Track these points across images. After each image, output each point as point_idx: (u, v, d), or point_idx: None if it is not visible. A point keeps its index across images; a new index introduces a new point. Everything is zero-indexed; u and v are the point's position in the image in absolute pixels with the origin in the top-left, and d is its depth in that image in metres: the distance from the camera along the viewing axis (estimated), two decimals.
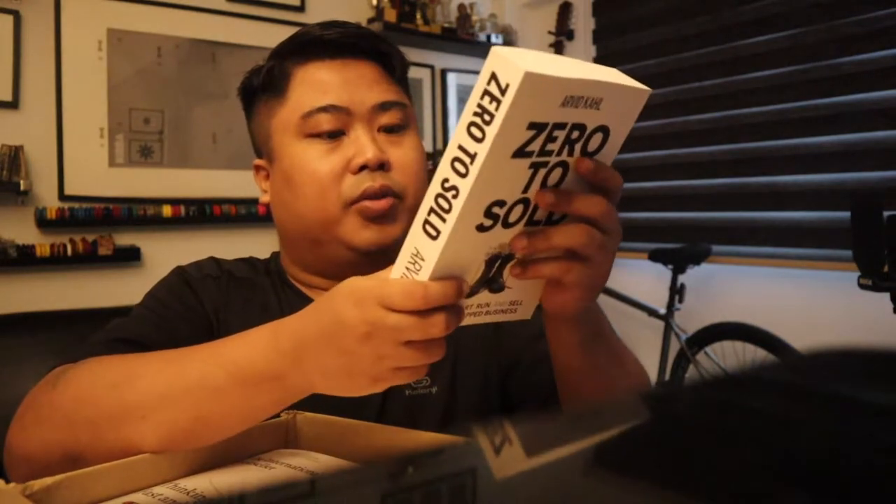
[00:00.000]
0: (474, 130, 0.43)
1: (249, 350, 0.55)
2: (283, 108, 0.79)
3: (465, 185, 0.44)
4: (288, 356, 0.53)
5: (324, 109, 0.76)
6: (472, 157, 0.44)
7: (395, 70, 0.82)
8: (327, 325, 0.51)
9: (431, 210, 0.46)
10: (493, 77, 0.42)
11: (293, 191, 0.77)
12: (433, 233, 0.47)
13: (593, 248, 0.51)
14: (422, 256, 0.47)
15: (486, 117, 0.43)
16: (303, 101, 0.77)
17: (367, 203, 0.75)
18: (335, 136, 0.76)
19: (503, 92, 0.42)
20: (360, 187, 0.75)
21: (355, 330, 0.49)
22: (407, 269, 0.48)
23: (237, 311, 0.80)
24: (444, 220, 0.46)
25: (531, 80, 0.42)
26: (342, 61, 0.78)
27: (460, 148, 0.44)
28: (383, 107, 0.78)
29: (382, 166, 0.76)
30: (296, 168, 0.77)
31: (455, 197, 0.45)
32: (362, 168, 0.75)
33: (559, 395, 0.72)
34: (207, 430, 0.57)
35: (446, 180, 0.45)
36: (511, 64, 0.42)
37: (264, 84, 0.81)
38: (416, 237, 0.48)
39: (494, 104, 0.42)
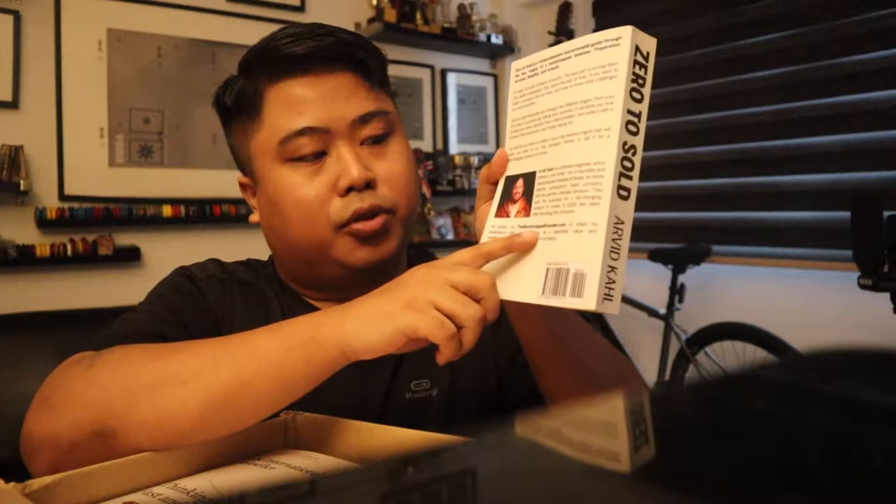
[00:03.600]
0: (634, 94, 0.51)
1: (297, 319, 0.59)
2: (259, 132, 0.76)
3: (639, 141, 0.51)
4: (329, 313, 0.57)
5: (302, 133, 0.72)
6: (638, 115, 0.51)
7: (372, 75, 0.77)
8: (387, 286, 0.57)
9: (621, 175, 0.50)
10: (637, 49, 0.51)
11: (281, 217, 0.75)
12: (625, 194, 0.51)
13: None
14: (621, 220, 0.50)
15: (640, 81, 0.51)
16: (279, 125, 0.74)
17: (359, 225, 0.73)
18: (318, 157, 0.73)
19: (646, 58, 0.51)
20: (350, 209, 0.72)
21: (414, 276, 0.55)
22: (614, 240, 0.50)
23: (241, 314, 0.79)
24: (630, 177, 0.51)
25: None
26: (315, 75, 0.74)
27: (629, 112, 0.51)
28: (363, 119, 0.74)
29: (369, 185, 0.73)
30: (280, 195, 0.74)
31: (634, 154, 0.51)
32: (349, 190, 0.73)
33: (542, 393, 0.72)
34: (247, 393, 0.56)
35: (625, 143, 0.50)
36: (646, 37, 0.52)
37: (237, 105, 0.78)
38: (614, 207, 0.50)
39: (643, 69, 0.51)
